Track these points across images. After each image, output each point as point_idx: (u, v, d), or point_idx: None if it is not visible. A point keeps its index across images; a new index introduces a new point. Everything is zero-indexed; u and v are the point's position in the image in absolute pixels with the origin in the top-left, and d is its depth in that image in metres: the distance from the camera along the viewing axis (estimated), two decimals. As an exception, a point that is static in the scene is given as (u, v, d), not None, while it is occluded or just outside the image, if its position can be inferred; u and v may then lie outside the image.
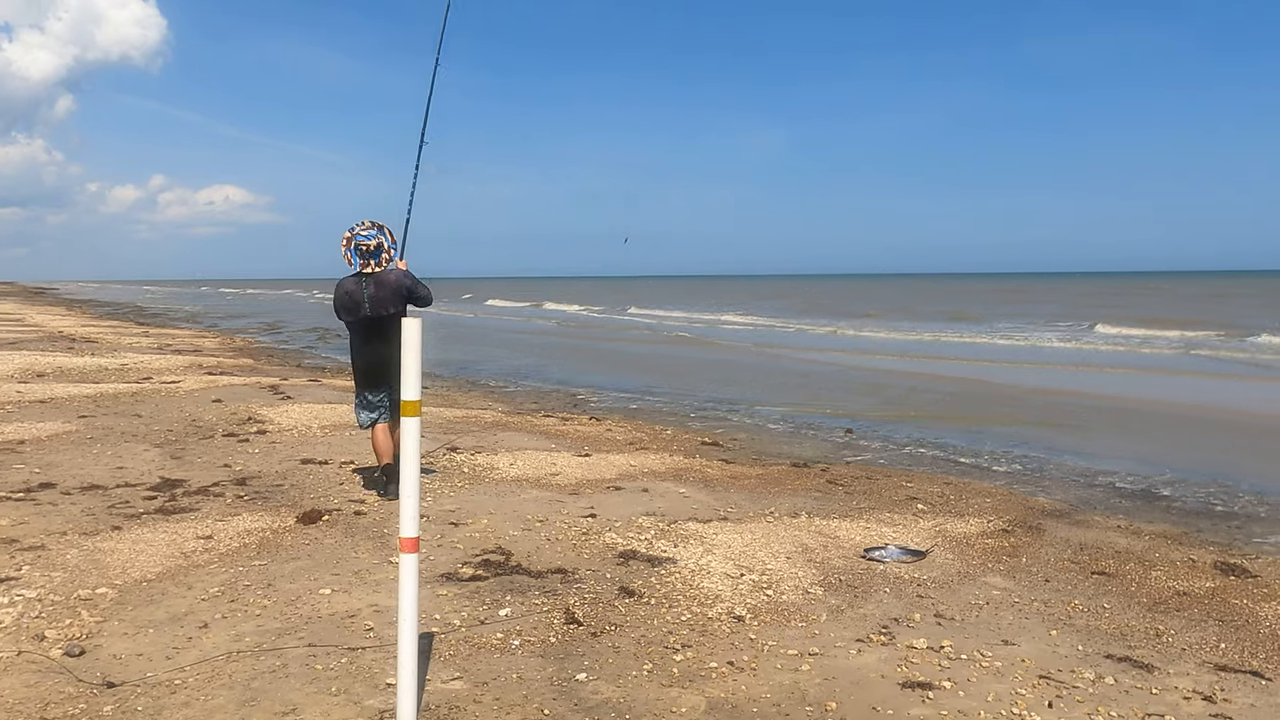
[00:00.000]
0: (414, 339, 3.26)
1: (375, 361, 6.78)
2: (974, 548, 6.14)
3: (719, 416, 12.63)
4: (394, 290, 6.73)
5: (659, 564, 5.43)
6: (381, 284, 6.72)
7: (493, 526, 6.19)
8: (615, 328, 36.41)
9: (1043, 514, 7.26)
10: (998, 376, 18.36)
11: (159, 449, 8.56)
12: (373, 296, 6.71)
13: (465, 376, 17.61)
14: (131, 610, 4.47)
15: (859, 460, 9.56)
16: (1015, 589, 5.30)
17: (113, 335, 25.17)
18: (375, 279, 6.72)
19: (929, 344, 27.32)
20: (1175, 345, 25.43)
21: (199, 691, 3.61)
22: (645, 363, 21.59)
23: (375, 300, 6.71)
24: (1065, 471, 9.16)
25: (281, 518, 6.25)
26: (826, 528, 6.46)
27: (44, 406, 10.95)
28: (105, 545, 5.49)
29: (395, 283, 6.74)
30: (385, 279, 6.73)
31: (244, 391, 12.83)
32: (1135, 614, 4.96)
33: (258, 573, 5.08)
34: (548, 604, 4.72)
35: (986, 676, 4.00)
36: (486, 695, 3.67)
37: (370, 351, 6.82)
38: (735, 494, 7.49)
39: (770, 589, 5.07)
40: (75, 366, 15.70)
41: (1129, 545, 6.38)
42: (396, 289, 6.73)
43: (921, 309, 48.69)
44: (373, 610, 4.55)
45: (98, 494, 6.79)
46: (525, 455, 8.75)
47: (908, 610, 4.83)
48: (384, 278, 6.74)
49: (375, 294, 6.71)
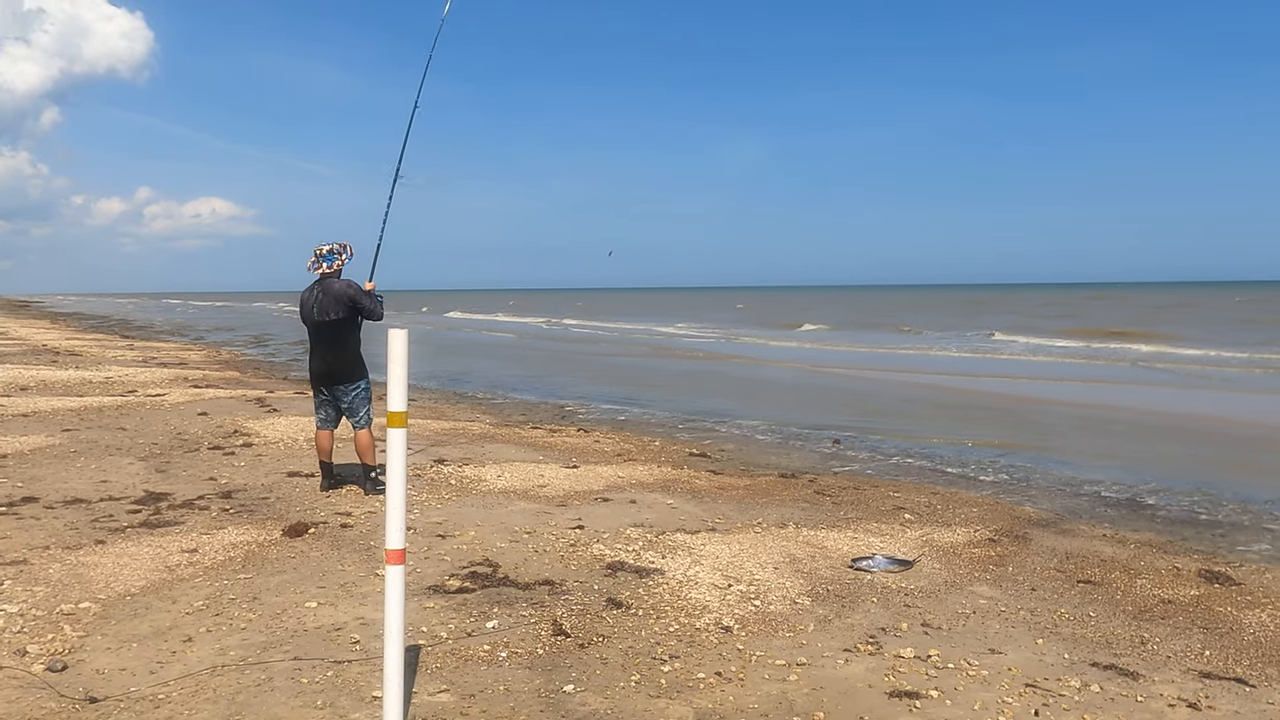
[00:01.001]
0: (400, 351, 3.24)
1: (317, 363, 7.22)
2: (961, 557, 6.16)
3: (706, 428, 12.64)
4: (336, 297, 7.03)
5: (647, 575, 5.43)
6: (327, 291, 7.07)
7: (480, 538, 6.17)
8: (569, 339, 36.49)
9: (1029, 523, 7.29)
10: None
11: (143, 462, 8.50)
12: (319, 302, 7.08)
13: (453, 389, 17.57)
14: (115, 625, 4.43)
15: (847, 471, 9.58)
16: (1002, 598, 5.32)
17: (97, 348, 25.01)
18: (323, 286, 7.10)
19: (843, 354, 27.47)
20: (1057, 352, 27.26)
21: (183, 706, 3.58)
22: (617, 371, 21.60)
23: (321, 306, 7.08)
24: (1051, 481, 9.20)
25: (267, 530, 6.22)
26: (814, 538, 6.46)
27: (27, 420, 10.86)
28: (88, 559, 5.44)
29: (339, 291, 7.05)
30: (331, 286, 7.07)
31: (230, 404, 12.77)
32: (1120, 622, 4.98)
33: (243, 586, 5.05)
34: (535, 615, 4.71)
35: (973, 685, 4.01)
36: (473, 708, 3.65)
37: (315, 355, 7.25)
38: (723, 505, 7.49)
39: (758, 599, 5.07)
40: (59, 380, 15.59)
41: (1114, 554, 6.41)
42: (339, 296, 7.03)
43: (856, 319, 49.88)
44: (359, 623, 4.52)
45: (81, 508, 6.74)
46: (513, 467, 8.73)
47: (895, 620, 4.84)
48: (330, 285, 7.08)
49: (321, 300, 7.08)
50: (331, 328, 7.05)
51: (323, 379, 7.21)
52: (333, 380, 7.19)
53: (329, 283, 7.07)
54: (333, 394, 7.22)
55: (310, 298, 7.12)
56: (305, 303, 7.16)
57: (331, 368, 7.15)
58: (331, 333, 7.06)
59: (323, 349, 7.15)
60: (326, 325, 7.06)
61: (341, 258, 7.15)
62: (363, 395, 7.26)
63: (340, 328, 7.07)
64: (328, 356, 7.13)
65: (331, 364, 7.13)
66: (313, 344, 7.25)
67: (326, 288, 7.05)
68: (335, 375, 7.17)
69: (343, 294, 7.03)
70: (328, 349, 7.12)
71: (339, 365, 7.15)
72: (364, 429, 7.25)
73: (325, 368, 7.16)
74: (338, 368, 7.16)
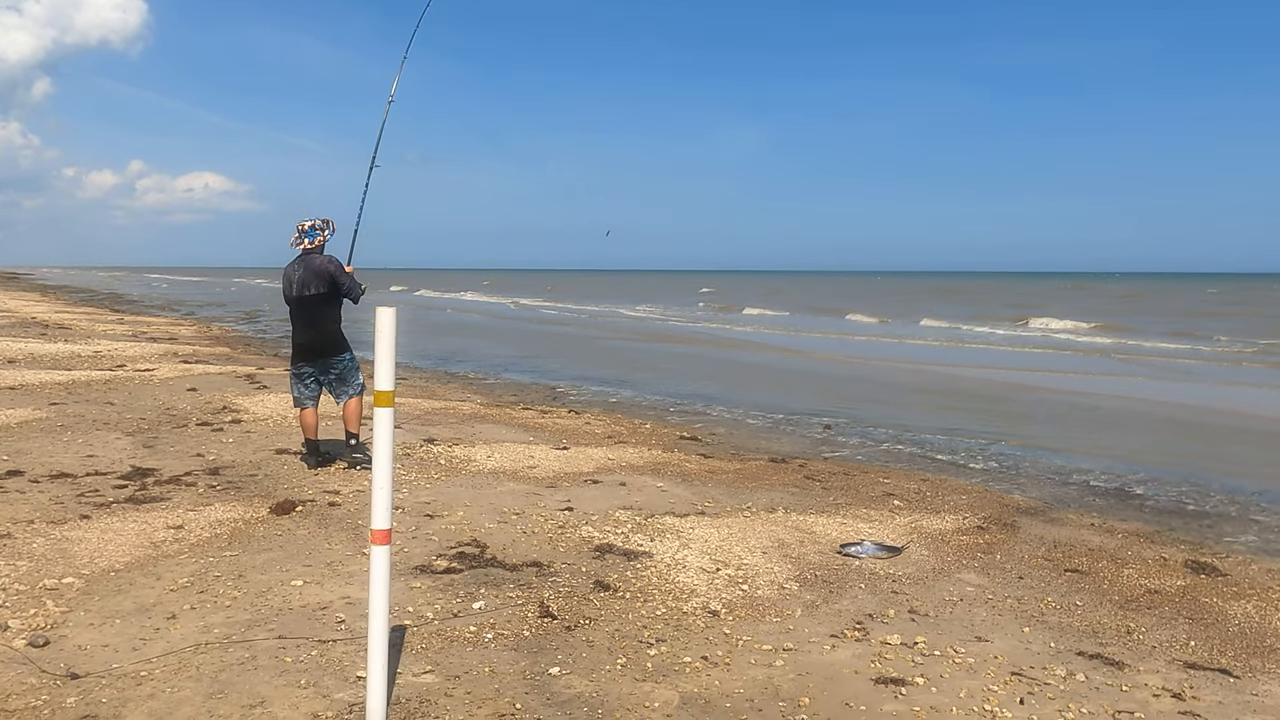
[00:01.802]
0: (387, 328, 3.19)
1: (300, 338, 7.29)
2: (949, 544, 6.17)
3: (697, 411, 12.63)
4: (318, 272, 7.12)
5: (635, 558, 5.42)
6: (308, 267, 7.15)
7: (468, 519, 6.15)
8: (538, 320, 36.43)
9: (1018, 511, 7.30)
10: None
11: (131, 438, 8.45)
12: (300, 278, 7.16)
13: (445, 369, 17.52)
14: (98, 601, 4.40)
15: (837, 456, 9.58)
16: (989, 586, 5.32)
17: (87, 322, 24.86)
18: (305, 261, 7.18)
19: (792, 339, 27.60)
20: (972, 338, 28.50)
21: (165, 683, 3.56)
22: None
23: (301, 281, 7.15)
24: (1041, 470, 9.22)
25: (254, 508, 6.18)
26: (803, 523, 6.46)
27: (14, 393, 10.79)
28: (73, 534, 5.41)
29: (320, 267, 7.14)
30: (313, 262, 7.16)
31: (219, 380, 12.70)
32: (1107, 611, 4.99)
33: (229, 563, 5.02)
34: (522, 597, 4.69)
35: (959, 673, 4.01)
36: (458, 689, 3.63)
37: (297, 329, 7.32)
38: (713, 489, 7.48)
39: (746, 584, 5.07)
40: (47, 353, 15.48)
41: (1102, 543, 6.42)
42: (320, 272, 7.12)
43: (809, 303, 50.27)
44: (345, 602, 4.50)
45: (67, 482, 6.69)
46: (503, 448, 8.71)
47: (882, 606, 4.84)
48: (312, 260, 7.17)
49: (303, 275, 7.15)
50: (313, 302, 7.12)
51: (308, 354, 7.25)
52: (320, 354, 7.24)
53: (311, 258, 7.15)
54: (321, 368, 7.24)
55: (293, 273, 7.19)
56: (287, 278, 7.23)
57: (316, 342, 7.21)
58: (313, 307, 7.14)
59: (305, 324, 7.22)
60: (308, 300, 7.13)
61: (324, 233, 7.23)
62: (352, 364, 7.33)
63: (322, 302, 7.16)
64: (310, 331, 7.20)
65: (315, 338, 7.20)
66: (295, 320, 7.30)
67: (308, 263, 7.13)
68: (321, 349, 7.24)
69: (324, 269, 7.11)
70: (310, 324, 7.19)
71: (323, 339, 7.21)
72: (356, 396, 7.34)
73: (310, 342, 7.21)
74: (322, 342, 7.22)
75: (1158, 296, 62.12)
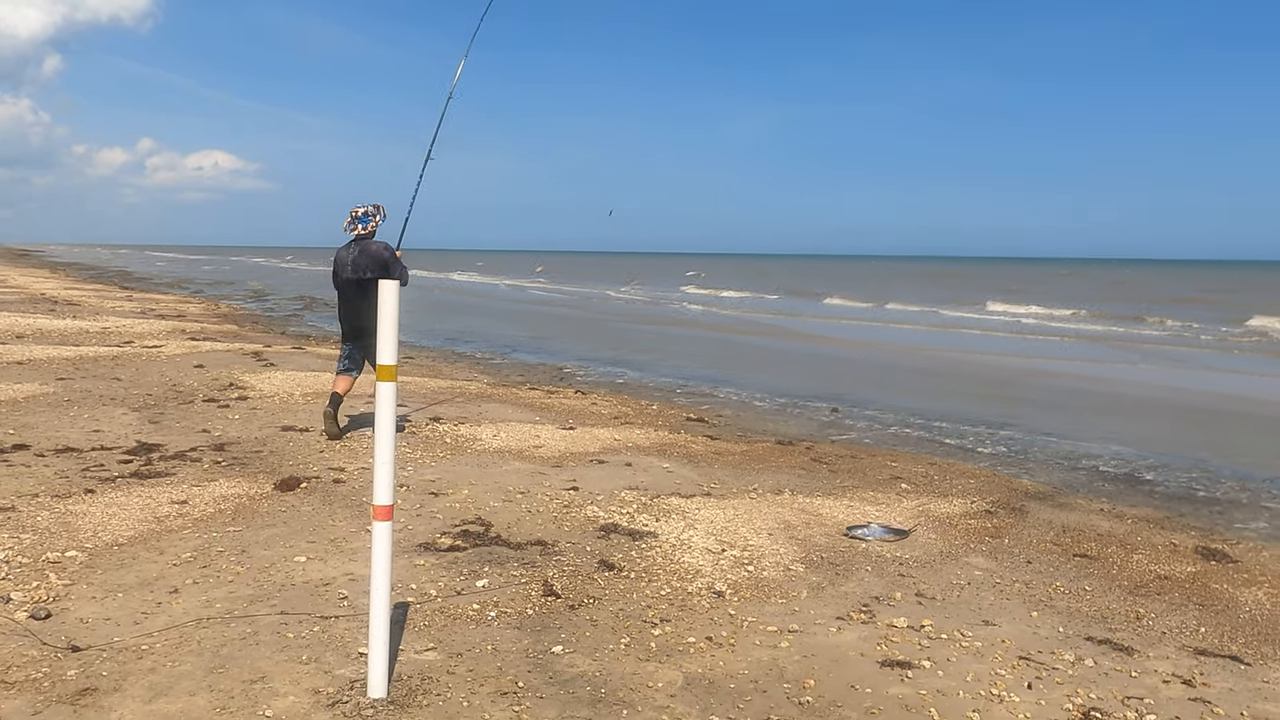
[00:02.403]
0: (390, 303, 3.15)
1: (352, 318, 7.67)
2: (957, 528, 6.12)
3: (704, 393, 12.58)
4: (373, 257, 7.53)
5: (640, 538, 5.38)
6: (364, 252, 7.57)
7: (473, 497, 6.12)
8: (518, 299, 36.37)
9: (1026, 496, 7.25)
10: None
11: (137, 413, 8.45)
12: (355, 261, 7.58)
13: (452, 348, 17.50)
14: (101, 574, 4.39)
15: (844, 439, 9.53)
16: (997, 570, 5.28)
17: (95, 299, 24.90)
18: (360, 246, 7.60)
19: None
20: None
21: (166, 657, 3.54)
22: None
23: (356, 265, 7.57)
24: (1049, 454, 9.15)
25: (259, 484, 6.17)
26: (810, 505, 6.42)
27: (22, 368, 10.80)
28: (77, 508, 5.40)
29: (375, 252, 7.55)
30: (369, 247, 7.57)
31: (226, 357, 12.69)
32: (1116, 597, 4.94)
33: (232, 539, 5.01)
34: (526, 576, 4.66)
35: (966, 656, 3.97)
36: (460, 666, 3.61)
37: (349, 309, 7.70)
38: (719, 470, 7.44)
39: (751, 565, 5.03)
40: (56, 329, 15.50)
41: (1111, 528, 6.36)
42: (375, 257, 7.53)
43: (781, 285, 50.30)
44: (348, 579, 4.48)
45: (72, 456, 6.69)
46: (509, 427, 8.68)
47: (889, 589, 4.80)
48: (367, 246, 7.58)
49: (357, 259, 7.57)
50: (365, 285, 7.37)
51: (358, 334, 7.63)
52: (371, 333, 7.17)
53: (367, 243, 7.57)
54: (364, 345, 7.63)
55: (346, 256, 7.59)
56: (340, 260, 7.62)
57: (366, 322, 7.27)
58: (367, 289, 7.32)
59: (355, 304, 7.52)
60: (360, 283, 7.47)
61: (375, 219, 7.63)
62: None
63: (372, 286, 7.05)
64: (361, 312, 7.38)
65: (365, 318, 7.27)
66: (346, 301, 7.70)
67: (364, 248, 7.54)
68: (371, 329, 7.16)
69: (378, 255, 7.51)
70: (360, 304, 7.39)
71: (372, 319, 7.13)
72: (355, 374, 7.84)
73: (360, 322, 7.48)
74: (370, 322, 7.14)
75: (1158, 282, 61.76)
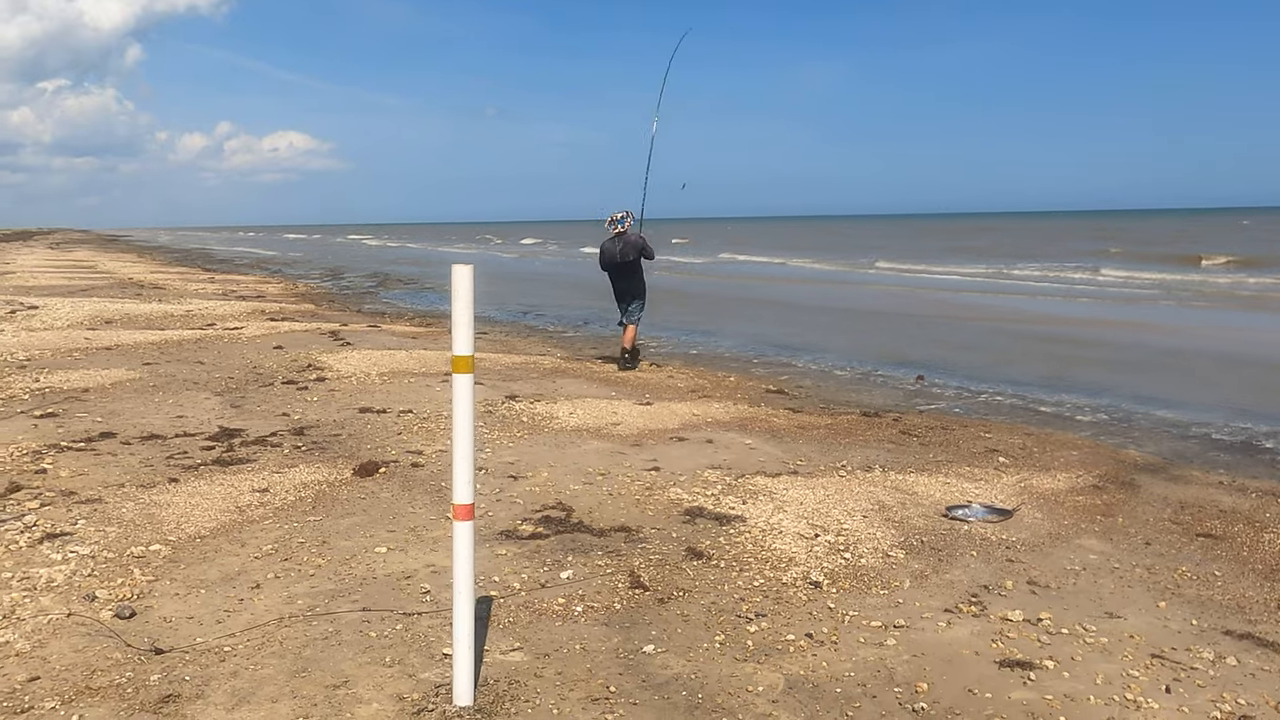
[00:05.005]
0: (465, 288, 2.91)
1: (623, 288, 11.01)
2: (1064, 506, 5.74)
3: (782, 362, 12.25)
4: (633, 245, 10.77)
5: (727, 522, 5.15)
6: (626, 241, 10.77)
7: (553, 480, 5.96)
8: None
9: (1135, 468, 6.80)
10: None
11: (219, 397, 8.51)
12: (620, 250, 10.78)
13: (524, 322, 17.43)
14: (184, 569, 4.34)
15: (932, 409, 9.13)
16: (1113, 553, 4.90)
17: (179, 281, 25.54)
18: (622, 238, 10.76)
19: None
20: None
21: (248, 659, 3.44)
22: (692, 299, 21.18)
23: (622, 251, 10.78)
24: (1154, 421, 8.63)
25: (338, 469, 6.11)
26: (903, 483, 6.10)
27: (110, 353, 11.03)
28: (161, 499, 5.39)
29: (634, 240, 10.78)
30: (629, 238, 10.78)
31: (304, 338, 12.81)
32: (1251, 583, 4.53)
33: (312, 529, 4.93)
34: (611, 566, 4.48)
35: (1092, 655, 3.65)
36: (548, 669, 3.43)
37: (620, 283, 11.01)
38: (804, 445, 7.15)
39: (848, 551, 4.75)
40: (142, 313, 15.88)
41: (1235, 504, 5.90)
42: (635, 244, 10.77)
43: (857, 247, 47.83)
44: (430, 571, 4.35)
45: (156, 444, 6.73)
46: (585, 403, 8.51)
47: (998, 577, 4.48)
48: (628, 237, 10.78)
49: (622, 248, 10.77)
50: (631, 265, 10.82)
51: (625, 296, 11.01)
52: (634, 297, 11.00)
53: (626, 235, 10.74)
54: (631, 305, 10.98)
55: (614, 247, 10.79)
56: (608, 251, 10.86)
57: (631, 290, 10.97)
58: (630, 268, 10.82)
59: (625, 280, 10.95)
60: (627, 264, 10.80)
61: (628, 221, 10.82)
62: (642, 305, 11.10)
63: (635, 265, 10.89)
64: (627, 284, 10.95)
65: (630, 288, 10.96)
66: (615, 277, 10.97)
67: (626, 239, 10.72)
68: (633, 294, 11.00)
69: (637, 243, 10.77)
70: (627, 279, 10.92)
71: (634, 287, 10.99)
72: (635, 324, 11.07)
73: (627, 289, 10.97)
74: (633, 289, 10.99)
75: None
